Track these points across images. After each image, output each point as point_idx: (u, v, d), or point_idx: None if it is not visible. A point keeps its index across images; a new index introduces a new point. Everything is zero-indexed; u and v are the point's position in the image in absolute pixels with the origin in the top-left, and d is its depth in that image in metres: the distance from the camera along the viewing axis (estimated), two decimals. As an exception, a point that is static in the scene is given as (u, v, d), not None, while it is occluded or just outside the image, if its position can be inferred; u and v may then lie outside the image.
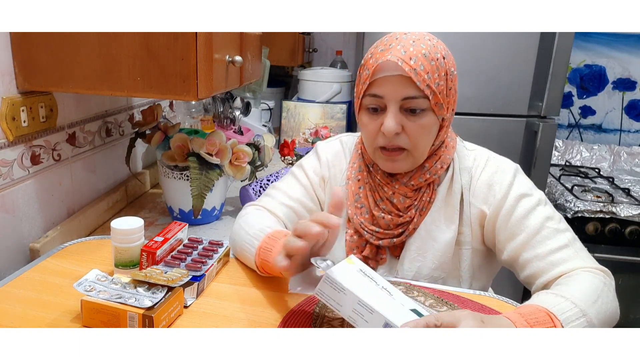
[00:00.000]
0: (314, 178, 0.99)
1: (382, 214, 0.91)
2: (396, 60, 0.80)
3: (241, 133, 1.64)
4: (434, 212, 0.90)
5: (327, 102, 2.04)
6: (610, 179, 2.10)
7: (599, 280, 0.78)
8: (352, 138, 1.03)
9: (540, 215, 0.86)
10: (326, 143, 1.04)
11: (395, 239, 0.91)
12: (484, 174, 0.90)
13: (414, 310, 0.67)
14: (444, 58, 0.83)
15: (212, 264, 0.85)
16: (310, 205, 0.99)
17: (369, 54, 0.86)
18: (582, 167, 2.29)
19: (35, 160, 0.98)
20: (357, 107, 0.90)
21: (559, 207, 1.85)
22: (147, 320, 0.68)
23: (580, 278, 0.79)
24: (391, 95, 0.82)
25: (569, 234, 0.85)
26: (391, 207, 0.91)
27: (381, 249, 0.93)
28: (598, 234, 1.81)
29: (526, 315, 0.69)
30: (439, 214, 0.90)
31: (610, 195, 1.89)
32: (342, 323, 0.74)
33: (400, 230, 0.91)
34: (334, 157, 1.00)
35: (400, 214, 0.91)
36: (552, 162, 2.20)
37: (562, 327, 0.69)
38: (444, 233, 0.89)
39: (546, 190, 1.95)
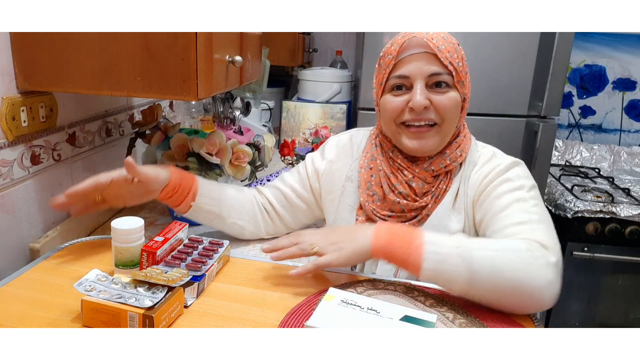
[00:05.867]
0: (310, 169, 1.05)
1: (398, 199, 0.92)
2: (421, 37, 0.86)
3: (241, 133, 1.64)
4: (446, 202, 0.92)
5: (327, 102, 2.04)
6: (610, 179, 2.10)
7: (522, 244, 0.76)
8: (364, 132, 1.07)
9: (513, 197, 0.86)
10: (336, 138, 1.08)
11: (407, 222, 0.93)
12: (484, 169, 0.92)
13: (405, 318, 0.69)
14: (458, 45, 0.90)
15: (212, 264, 0.85)
16: (301, 191, 1.05)
17: (389, 44, 0.90)
18: (582, 167, 2.28)
19: (35, 160, 0.98)
20: (378, 95, 0.93)
21: (559, 207, 1.85)
22: (148, 320, 0.68)
23: (500, 239, 0.81)
24: (417, 72, 0.86)
25: (535, 216, 0.82)
26: (409, 190, 0.92)
27: None
28: (598, 234, 1.80)
29: (393, 225, 0.82)
30: (450, 204, 0.92)
31: (610, 195, 1.89)
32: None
33: (413, 214, 0.93)
34: (340, 152, 1.04)
35: (417, 198, 0.92)
36: (552, 162, 2.20)
37: (423, 243, 0.75)
38: (454, 223, 0.91)
39: (546, 190, 1.95)
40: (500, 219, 0.84)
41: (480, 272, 0.74)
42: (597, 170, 2.23)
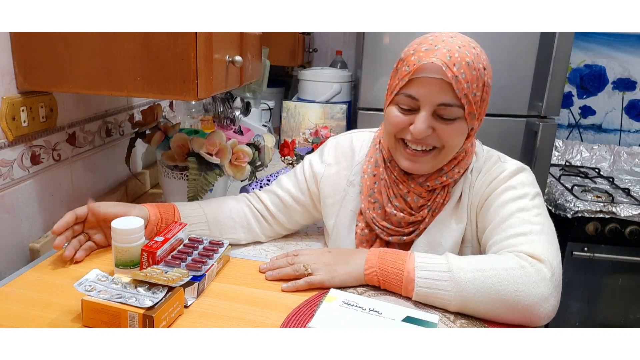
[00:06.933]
0: (308, 172, 1.04)
1: (395, 211, 0.91)
2: (441, 64, 0.78)
3: (241, 133, 1.64)
4: (446, 213, 0.91)
5: (327, 102, 2.04)
6: (610, 179, 2.10)
7: (514, 262, 0.76)
8: (366, 134, 1.04)
9: (515, 206, 0.84)
10: (335, 140, 1.06)
11: (405, 237, 0.92)
12: (489, 175, 0.90)
13: (407, 319, 0.69)
14: (484, 69, 0.82)
15: (213, 264, 0.85)
16: (298, 195, 1.04)
17: (411, 49, 0.84)
18: (582, 167, 2.28)
19: (35, 160, 0.98)
20: (387, 100, 0.89)
21: (559, 207, 1.84)
22: (148, 320, 0.68)
23: (493, 254, 0.80)
24: (427, 99, 0.81)
25: (537, 227, 0.81)
26: (404, 205, 0.91)
27: (391, 244, 0.95)
28: (598, 234, 1.80)
29: (385, 251, 0.82)
30: (450, 215, 0.91)
31: (610, 195, 1.89)
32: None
33: (411, 229, 0.92)
34: (340, 156, 1.02)
35: (413, 212, 0.91)
36: (552, 162, 2.20)
37: (413, 270, 0.77)
38: (453, 232, 0.90)
39: (546, 190, 1.95)
40: (502, 230, 0.83)
41: (472, 295, 0.75)
42: (597, 170, 2.23)
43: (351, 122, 2.06)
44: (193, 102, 1.62)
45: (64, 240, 0.87)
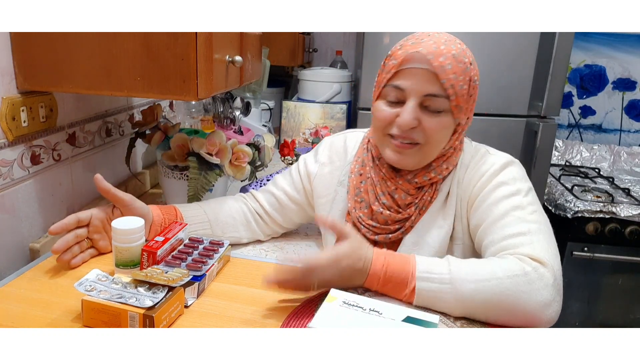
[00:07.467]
0: (303, 171, 1.05)
1: (381, 209, 0.91)
2: (426, 53, 0.80)
3: (241, 133, 1.64)
4: (433, 210, 0.90)
5: (327, 102, 2.04)
6: (610, 179, 2.10)
7: (517, 268, 0.74)
8: (360, 134, 1.05)
9: (510, 203, 0.83)
10: (330, 140, 1.07)
11: (390, 235, 0.92)
12: (477, 169, 0.90)
13: (408, 319, 0.69)
14: (470, 64, 0.83)
15: (213, 264, 0.85)
16: (293, 193, 1.05)
17: (398, 45, 0.86)
18: (582, 167, 2.28)
19: (35, 160, 0.98)
20: (375, 96, 0.90)
21: (559, 207, 1.84)
22: (148, 320, 0.68)
23: (495, 258, 0.78)
24: (414, 89, 0.82)
25: (534, 225, 0.80)
26: (392, 202, 0.91)
27: (378, 244, 0.94)
28: (598, 234, 1.80)
29: (390, 255, 0.79)
30: (438, 213, 0.90)
31: (610, 195, 1.89)
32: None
33: (396, 227, 0.92)
34: (333, 155, 1.03)
35: (400, 210, 0.91)
36: (552, 162, 2.20)
37: (414, 280, 0.75)
38: (441, 229, 0.89)
39: (546, 190, 1.95)
40: (498, 229, 0.82)
41: (473, 305, 0.74)
42: (597, 170, 2.23)
43: (351, 122, 2.06)
44: (193, 102, 1.62)
45: (63, 245, 0.85)
